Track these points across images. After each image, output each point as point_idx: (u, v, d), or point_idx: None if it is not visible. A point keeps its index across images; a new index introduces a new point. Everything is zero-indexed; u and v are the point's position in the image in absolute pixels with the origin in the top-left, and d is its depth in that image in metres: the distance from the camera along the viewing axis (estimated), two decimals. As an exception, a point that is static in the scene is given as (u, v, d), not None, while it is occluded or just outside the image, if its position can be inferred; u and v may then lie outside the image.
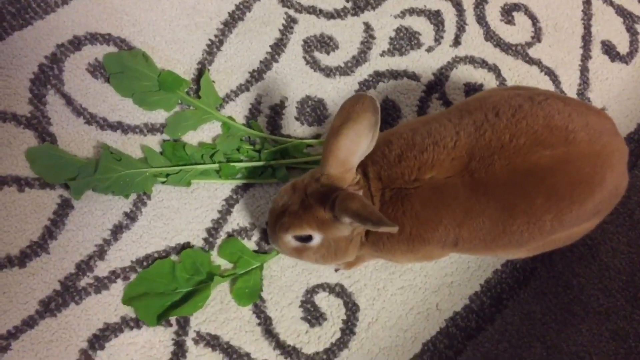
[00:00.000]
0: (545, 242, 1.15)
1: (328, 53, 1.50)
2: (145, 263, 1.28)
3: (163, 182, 1.32)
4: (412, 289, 1.34)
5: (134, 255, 1.28)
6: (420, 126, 1.10)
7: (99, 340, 1.23)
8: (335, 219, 1.04)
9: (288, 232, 1.10)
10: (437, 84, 1.51)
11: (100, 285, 1.26)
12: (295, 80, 1.47)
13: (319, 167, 1.08)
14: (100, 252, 1.28)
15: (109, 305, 1.25)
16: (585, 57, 1.60)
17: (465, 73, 1.53)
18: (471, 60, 1.55)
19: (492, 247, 1.12)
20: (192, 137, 1.38)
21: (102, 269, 1.27)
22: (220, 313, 1.27)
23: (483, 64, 1.55)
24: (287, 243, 1.13)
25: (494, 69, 1.54)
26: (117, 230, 1.29)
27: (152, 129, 1.37)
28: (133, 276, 1.27)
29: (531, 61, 1.57)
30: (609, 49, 1.62)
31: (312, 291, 1.31)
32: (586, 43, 1.61)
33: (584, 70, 1.58)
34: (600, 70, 1.59)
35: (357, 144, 1.03)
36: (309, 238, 1.10)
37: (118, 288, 1.26)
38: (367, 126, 1.02)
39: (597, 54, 1.61)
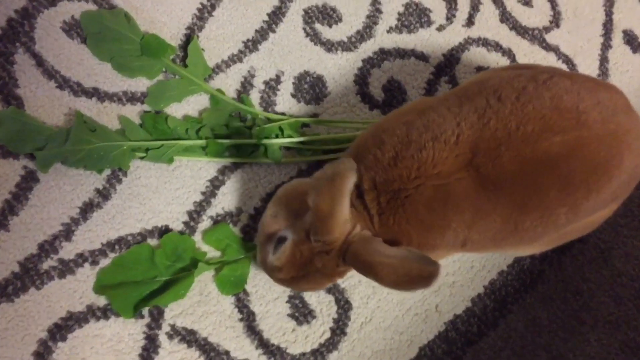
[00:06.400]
0: (558, 235, 1.08)
1: (330, 26, 1.39)
2: (117, 246, 1.18)
3: (142, 158, 1.22)
4: (410, 287, 1.25)
5: (104, 237, 1.18)
6: (415, 118, 1.00)
7: (60, 330, 1.13)
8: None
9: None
10: (447, 66, 1.41)
11: (65, 269, 1.16)
12: (293, 53, 1.36)
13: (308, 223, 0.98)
14: (67, 232, 1.17)
15: (74, 291, 1.15)
16: (606, 46, 1.51)
17: (477, 56, 1.43)
18: (484, 42, 1.44)
19: (502, 246, 1.05)
20: (176, 110, 1.28)
21: (68, 250, 1.17)
22: (199, 306, 1.18)
23: (497, 47, 1.44)
24: None
25: (509, 54, 1.44)
26: (87, 209, 1.19)
27: (131, 98, 1.26)
28: (103, 260, 1.17)
29: (548, 47, 1.47)
30: (630, 39, 1.52)
31: (301, 286, 1.22)
32: (607, 31, 1.52)
33: (603, 61, 1.49)
34: (620, 61, 1.50)
35: (348, 202, 0.95)
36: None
37: (85, 273, 1.16)
38: (351, 187, 0.95)
39: (618, 43, 1.52)
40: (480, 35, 1.45)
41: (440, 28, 1.44)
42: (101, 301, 1.15)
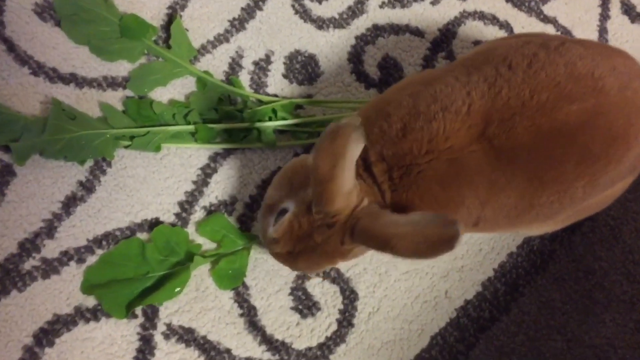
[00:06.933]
0: (574, 212, 1.04)
1: (320, 2, 1.33)
2: (104, 242, 1.13)
3: (127, 147, 1.16)
4: (418, 274, 1.21)
5: (90, 233, 1.13)
6: (421, 89, 0.95)
7: (47, 335, 1.08)
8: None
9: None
10: (444, 41, 1.36)
11: (49, 268, 1.10)
12: (282, 31, 1.30)
13: (311, 196, 0.91)
14: (49, 229, 1.12)
15: (59, 292, 1.10)
16: (604, 16, 1.47)
17: (474, 30, 1.38)
18: (481, 15, 1.39)
19: (516, 224, 1.01)
20: (161, 94, 1.22)
21: (51, 249, 1.12)
22: (196, 302, 1.13)
23: (494, 20, 1.39)
24: None
25: (506, 26, 1.39)
26: (70, 203, 1.14)
27: (112, 83, 1.21)
28: (89, 258, 1.12)
29: (546, 19, 1.43)
30: (628, 9, 1.49)
31: (304, 277, 1.18)
32: (604, 1, 1.48)
33: (602, 32, 1.45)
34: (619, 32, 1.46)
35: (352, 169, 0.88)
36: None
37: (71, 272, 1.11)
38: (356, 152, 0.87)
39: (616, 13, 1.48)
40: (476, 8, 1.40)
41: (435, 2, 1.38)
42: (90, 302, 1.10)
